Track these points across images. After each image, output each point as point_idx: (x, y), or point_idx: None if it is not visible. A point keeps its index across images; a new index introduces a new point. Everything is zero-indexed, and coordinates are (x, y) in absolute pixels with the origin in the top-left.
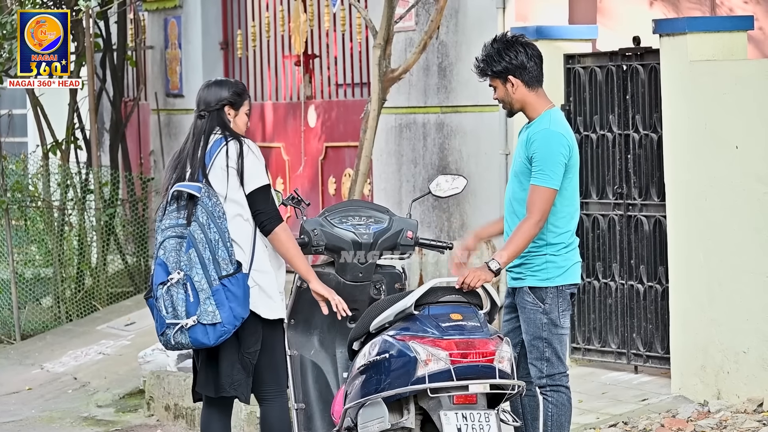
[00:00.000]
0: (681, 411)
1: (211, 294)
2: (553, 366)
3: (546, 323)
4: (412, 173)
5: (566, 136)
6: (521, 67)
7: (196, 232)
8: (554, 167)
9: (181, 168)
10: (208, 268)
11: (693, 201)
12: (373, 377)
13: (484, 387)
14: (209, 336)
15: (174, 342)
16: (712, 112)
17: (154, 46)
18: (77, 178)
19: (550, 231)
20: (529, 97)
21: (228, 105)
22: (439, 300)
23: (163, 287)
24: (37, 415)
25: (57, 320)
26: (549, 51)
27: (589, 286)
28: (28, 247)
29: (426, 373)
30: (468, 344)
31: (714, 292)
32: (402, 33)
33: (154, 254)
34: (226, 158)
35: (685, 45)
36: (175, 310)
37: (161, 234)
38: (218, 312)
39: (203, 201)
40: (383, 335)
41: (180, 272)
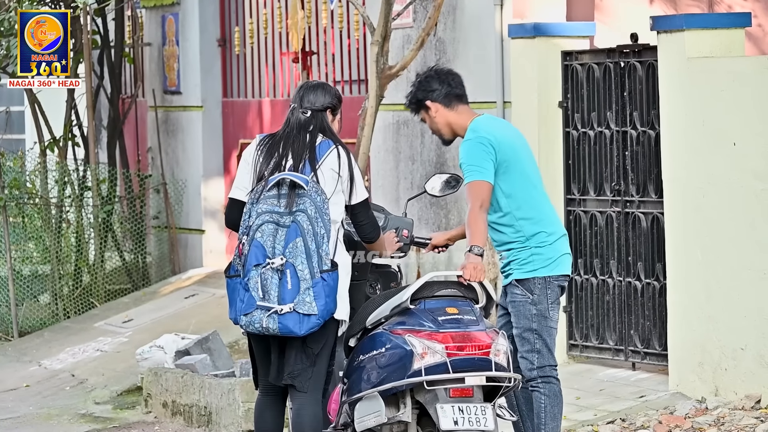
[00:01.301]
0: (679, 408)
1: (311, 285)
2: (544, 358)
3: (535, 314)
4: (410, 170)
5: (486, 136)
6: (431, 90)
7: (304, 222)
8: (475, 162)
9: (279, 157)
10: (312, 259)
11: (691, 198)
12: (369, 372)
13: (480, 379)
14: (301, 326)
15: (259, 325)
16: (709, 109)
17: (151, 43)
18: (75, 175)
19: (524, 224)
20: (451, 116)
21: (330, 109)
22: (435, 294)
23: (258, 269)
24: (35, 412)
25: (55, 317)
26: (547, 48)
27: (586, 282)
28: (25, 244)
29: (422, 367)
30: (464, 337)
31: (712, 288)
32: (399, 30)
33: (242, 233)
34: (338, 162)
35: (683, 42)
36: (267, 293)
37: (258, 217)
38: (315, 303)
39: (311, 195)
40: (379, 329)
41: (282, 258)
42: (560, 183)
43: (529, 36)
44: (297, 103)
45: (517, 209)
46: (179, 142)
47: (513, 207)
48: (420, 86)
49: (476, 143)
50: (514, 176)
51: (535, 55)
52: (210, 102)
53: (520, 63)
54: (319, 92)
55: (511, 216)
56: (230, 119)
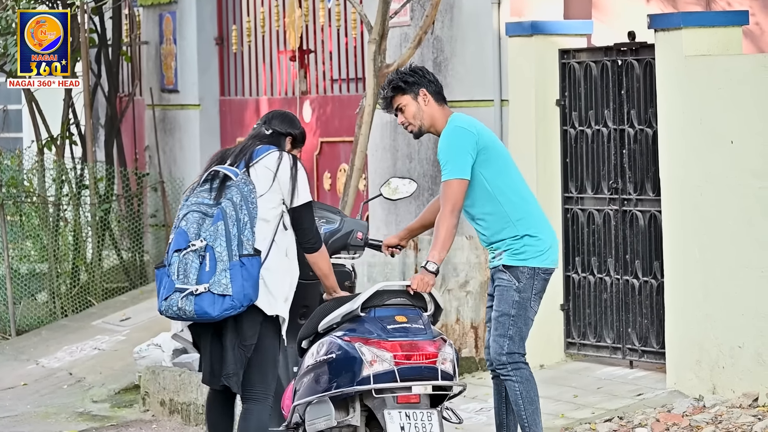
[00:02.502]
0: (676, 406)
1: (228, 267)
2: (515, 344)
3: (517, 302)
4: (407, 168)
5: (466, 126)
6: (431, 81)
7: (228, 208)
8: (456, 158)
9: (220, 159)
10: (232, 243)
11: (688, 196)
12: (320, 376)
13: (427, 388)
14: (215, 306)
15: (176, 308)
16: (707, 107)
17: (149, 41)
18: (72, 173)
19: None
20: (437, 112)
21: (291, 138)
22: (385, 303)
23: (180, 254)
24: (32, 411)
25: (52, 316)
26: (544, 46)
27: (584, 280)
28: (23, 243)
29: (371, 374)
30: (411, 346)
31: (709, 286)
32: (397, 28)
33: (174, 226)
34: (277, 163)
35: (680, 40)
36: (186, 276)
37: (186, 208)
38: (231, 285)
39: (239, 184)
40: (331, 335)
41: (202, 241)
42: (558, 181)
43: (526, 34)
44: (262, 122)
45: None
46: (177, 140)
47: (500, 197)
48: (415, 72)
49: (457, 129)
50: (496, 165)
51: (532, 54)
52: (207, 100)
53: (518, 61)
54: (287, 121)
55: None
56: (228, 117)
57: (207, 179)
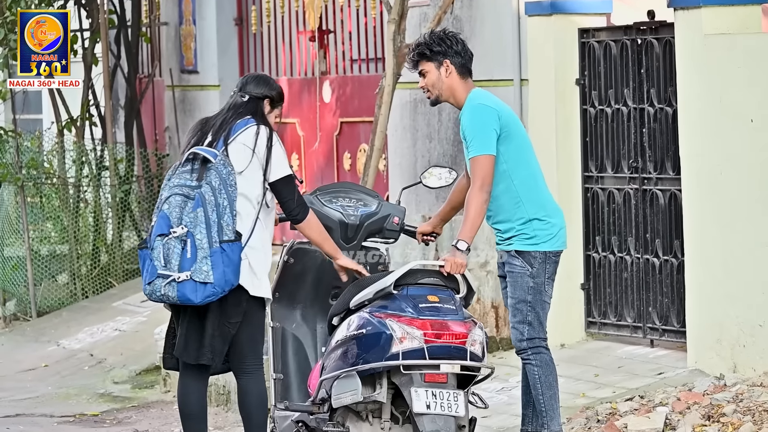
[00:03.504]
0: (697, 385)
1: (209, 254)
2: (534, 330)
3: (532, 287)
4: (427, 148)
5: (492, 106)
6: (457, 54)
7: (207, 194)
8: (482, 135)
9: (201, 134)
10: (212, 229)
11: (708, 175)
12: (349, 351)
13: (455, 367)
14: (197, 294)
15: (160, 293)
16: (726, 85)
17: (168, 22)
18: (92, 154)
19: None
20: (459, 85)
21: (269, 99)
22: (418, 282)
23: (162, 239)
24: (54, 392)
25: (73, 297)
26: (564, 25)
27: (604, 260)
28: (43, 224)
29: (400, 351)
30: (442, 325)
31: (729, 265)
32: (416, 8)
33: (156, 208)
34: (254, 138)
35: (700, 19)
36: (169, 262)
37: (168, 190)
38: (212, 272)
39: (218, 167)
40: (362, 311)
41: (183, 228)
42: (578, 160)
43: (546, 14)
44: (237, 88)
45: (516, 177)
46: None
47: (514, 176)
48: (445, 41)
49: (480, 106)
50: (515, 143)
51: (551, 33)
52: (227, 81)
53: (537, 41)
54: (261, 83)
55: (511, 185)
56: None
57: (188, 159)
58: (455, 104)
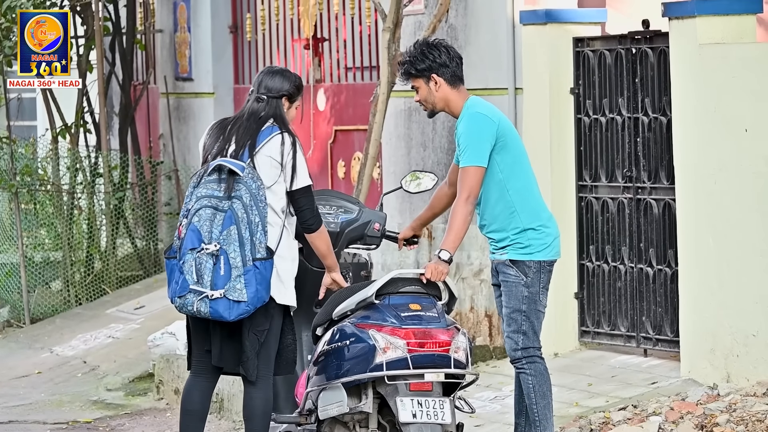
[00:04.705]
0: (690, 394)
1: (243, 273)
2: (529, 339)
3: (526, 297)
4: (422, 156)
5: (489, 115)
6: (443, 65)
7: (239, 210)
8: (476, 145)
9: (224, 141)
10: (246, 247)
11: (702, 184)
12: (333, 362)
13: (439, 376)
14: (231, 311)
15: (192, 308)
16: (721, 95)
17: (163, 29)
18: (86, 161)
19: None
20: (452, 95)
21: (286, 96)
22: (400, 290)
23: (194, 253)
24: (47, 399)
25: (66, 304)
26: (558, 34)
27: (598, 269)
28: (37, 231)
29: (384, 361)
30: (425, 334)
31: (723, 275)
32: (411, 16)
33: (182, 216)
34: (280, 149)
35: (695, 28)
36: (202, 278)
37: (197, 201)
38: (246, 291)
39: (247, 181)
40: (345, 322)
41: (216, 245)
42: (572, 169)
43: (540, 22)
44: (255, 88)
45: (511, 187)
46: (191, 128)
47: (509, 186)
48: (428, 56)
49: (477, 115)
50: (511, 153)
51: (546, 42)
52: (222, 89)
53: (532, 49)
54: (278, 78)
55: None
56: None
57: (215, 169)
58: (451, 114)
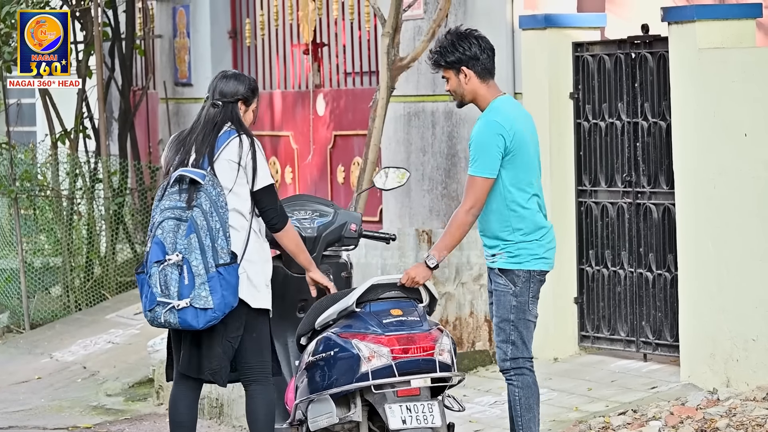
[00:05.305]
0: (690, 399)
1: (206, 280)
2: (518, 350)
3: (515, 306)
4: (421, 162)
5: (503, 123)
6: (474, 58)
7: (198, 218)
8: (486, 156)
9: (185, 152)
10: (207, 254)
11: (702, 189)
12: (319, 374)
13: (425, 381)
14: (199, 319)
15: (162, 320)
16: (720, 99)
17: (162, 35)
18: (86, 167)
19: (513, 217)
20: (481, 89)
21: (242, 100)
22: (380, 297)
23: (159, 266)
24: (47, 404)
25: (66, 309)
26: (558, 39)
27: (598, 274)
28: (37, 237)
29: (369, 370)
30: (408, 339)
31: (723, 279)
32: (410, 21)
33: (149, 230)
34: (238, 151)
35: (694, 33)
36: (168, 289)
37: (160, 214)
38: (211, 298)
39: (207, 189)
40: (327, 332)
41: (179, 255)
42: (571, 174)
43: (540, 27)
44: (210, 94)
45: (511, 201)
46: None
47: (509, 198)
48: (458, 48)
49: (492, 126)
50: (516, 169)
51: (546, 47)
52: None
53: (531, 54)
54: (232, 82)
55: (504, 207)
56: None
57: (176, 180)
58: (478, 107)
